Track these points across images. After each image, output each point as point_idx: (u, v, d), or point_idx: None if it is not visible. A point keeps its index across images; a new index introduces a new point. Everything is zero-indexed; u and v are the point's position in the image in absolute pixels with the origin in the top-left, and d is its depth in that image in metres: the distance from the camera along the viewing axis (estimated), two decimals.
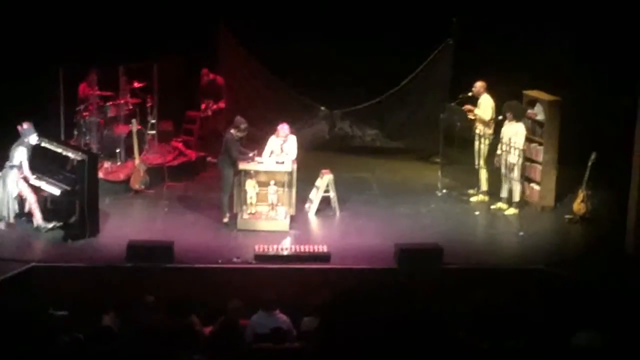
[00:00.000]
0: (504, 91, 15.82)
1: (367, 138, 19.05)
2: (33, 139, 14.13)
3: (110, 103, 16.92)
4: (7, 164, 14.05)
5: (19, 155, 14.01)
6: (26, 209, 14.19)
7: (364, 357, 4.54)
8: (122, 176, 16.18)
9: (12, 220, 14.13)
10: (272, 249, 13.44)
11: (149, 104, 17.20)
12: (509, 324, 9.98)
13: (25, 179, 14.06)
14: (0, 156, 14.35)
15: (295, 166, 14.78)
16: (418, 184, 16.90)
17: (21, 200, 14.17)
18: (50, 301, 11.21)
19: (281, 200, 14.74)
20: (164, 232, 14.21)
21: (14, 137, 14.23)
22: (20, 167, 14.00)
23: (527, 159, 15.48)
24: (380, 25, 17.78)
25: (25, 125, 14.16)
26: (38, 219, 14.12)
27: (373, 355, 4.52)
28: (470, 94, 15.83)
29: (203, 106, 18.01)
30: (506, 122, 15.25)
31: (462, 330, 8.97)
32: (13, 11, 16.96)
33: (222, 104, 17.92)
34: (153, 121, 17.27)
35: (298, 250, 13.50)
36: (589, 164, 14.84)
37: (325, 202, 15.31)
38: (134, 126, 16.24)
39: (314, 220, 15.19)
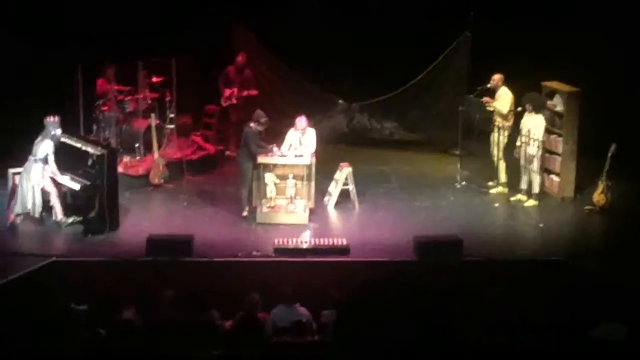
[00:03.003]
0: (523, 83, 15.74)
1: (386, 131, 19.02)
2: (59, 132, 14.10)
3: (129, 98, 16.92)
4: (32, 157, 13.96)
5: (45, 148, 13.94)
6: (51, 203, 14.11)
7: (382, 351, 4.52)
8: (141, 171, 16.21)
9: (37, 215, 14.04)
10: (291, 243, 13.44)
11: (167, 99, 17.19)
12: (529, 317, 9.96)
13: (52, 173, 14.01)
14: (23, 151, 14.35)
15: (314, 160, 14.79)
16: (437, 177, 16.85)
17: (43, 195, 14.12)
18: (71, 296, 11.25)
19: (300, 194, 14.74)
20: (184, 227, 14.22)
21: (35, 132, 14.23)
22: (45, 160, 13.95)
23: (547, 150, 15.43)
24: (399, 18, 17.72)
25: (54, 118, 14.11)
26: (59, 213, 14.10)
27: (391, 348, 4.51)
28: (488, 86, 15.79)
29: (227, 94, 17.47)
30: (526, 114, 15.20)
31: (481, 325, 8.96)
32: (32, 7, 17.00)
33: (253, 92, 17.41)
34: (172, 116, 17.26)
35: (318, 243, 13.49)
36: (609, 155, 14.78)
37: (344, 195, 15.27)
38: (153, 121, 16.26)
39: (333, 214, 15.18)
